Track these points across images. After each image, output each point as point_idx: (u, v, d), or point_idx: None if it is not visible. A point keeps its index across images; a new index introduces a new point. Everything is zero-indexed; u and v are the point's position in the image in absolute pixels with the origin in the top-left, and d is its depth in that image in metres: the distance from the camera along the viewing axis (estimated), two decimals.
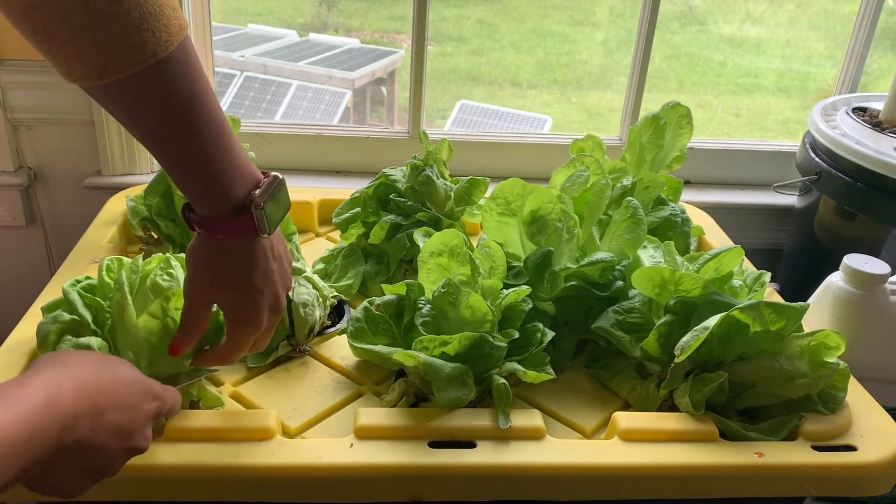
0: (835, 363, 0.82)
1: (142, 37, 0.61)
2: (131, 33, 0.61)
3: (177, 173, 0.69)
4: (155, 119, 0.65)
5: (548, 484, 0.76)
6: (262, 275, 0.73)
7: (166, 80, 0.64)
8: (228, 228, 0.70)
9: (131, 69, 0.62)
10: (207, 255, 0.72)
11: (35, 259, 1.46)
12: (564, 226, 0.94)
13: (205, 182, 0.69)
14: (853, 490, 0.80)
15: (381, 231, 1.05)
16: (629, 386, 0.89)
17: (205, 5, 1.43)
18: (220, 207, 0.70)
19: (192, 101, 0.66)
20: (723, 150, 1.55)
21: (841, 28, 3.65)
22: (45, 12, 0.59)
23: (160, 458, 0.73)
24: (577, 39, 4.41)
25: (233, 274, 0.72)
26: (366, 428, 0.77)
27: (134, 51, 0.61)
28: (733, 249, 0.88)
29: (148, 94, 0.64)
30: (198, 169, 0.68)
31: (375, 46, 4.13)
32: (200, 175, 0.68)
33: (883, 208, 1.18)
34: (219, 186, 0.69)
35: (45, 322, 0.78)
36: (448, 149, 1.11)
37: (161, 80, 0.63)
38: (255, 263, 0.73)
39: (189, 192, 0.70)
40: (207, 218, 0.70)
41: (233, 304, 0.74)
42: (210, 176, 0.68)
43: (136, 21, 0.61)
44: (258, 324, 0.75)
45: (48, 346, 0.77)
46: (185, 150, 0.67)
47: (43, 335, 0.78)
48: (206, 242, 0.72)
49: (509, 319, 0.87)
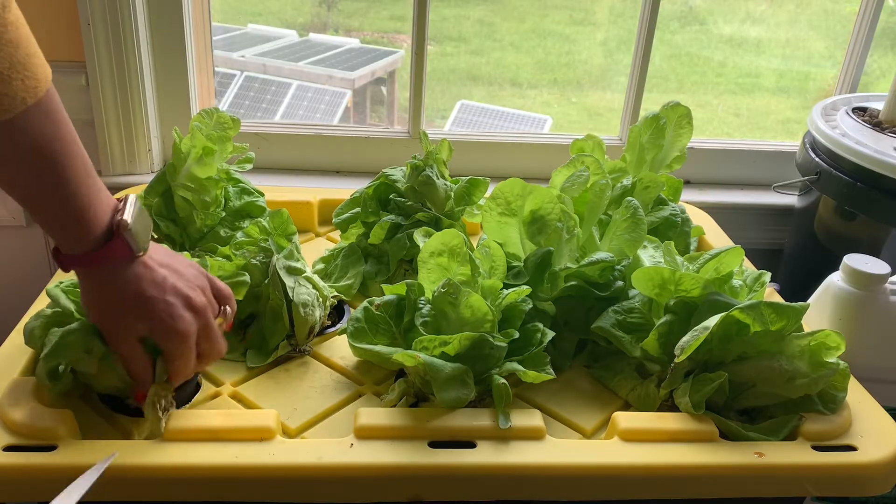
0: (835, 363, 0.82)
1: (12, 86, 0.63)
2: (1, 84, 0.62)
3: (44, 215, 0.71)
4: (23, 164, 0.67)
5: (548, 484, 0.76)
6: (155, 285, 0.74)
7: (36, 126, 0.66)
8: (102, 257, 0.71)
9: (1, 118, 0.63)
10: (98, 292, 0.74)
11: (35, 259, 1.46)
12: (564, 226, 0.94)
13: (76, 220, 0.70)
14: (853, 490, 0.80)
15: (381, 231, 1.05)
16: (629, 386, 0.89)
17: (205, 5, 1.43)
18: (92, 240, 0.71)
19: (63, 143, 0.68)
20: (723, 150, 1.55)
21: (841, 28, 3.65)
22: None
23: (160, 458, 0.73)
24: (577, 39, 4.41)
25: (128, 299, 0.73)
26: (366, 428, 0.77)
27: (3, 100, 0.63)
28: (733, 249, 0.88)
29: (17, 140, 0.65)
30: (67, 209, 0.69)
31: (375, 46, 4.13)
32: (70, 214, 0.70)
33: (883, 208, 1.18)
34: (88, 221, 0.71)
35: (29, 321, 0.81)
36: (448, 149, 1.11)
37: (30, 127, 0.65)
38: (141, 280, 0.73)
39: (58, 232, 0.71)
40: (80, 256, 0.71)
41: (149, 326, 0.74)
42: (80, 213, 0.70)
43: (5, 71, 0.63)
44: (185, 329, 0.74)
45: (35, 342, 0.79)
46: (53, 193, 0.69)
47: (29, 332, 0.80)
48: (89, 282, 0.74)
49: (509, 319, 0.87)
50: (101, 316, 0.75)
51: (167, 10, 1.32)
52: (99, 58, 1.28)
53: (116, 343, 0.75)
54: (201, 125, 1.06)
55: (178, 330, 0.74)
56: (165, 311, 0.74)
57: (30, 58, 0.65)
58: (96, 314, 0.75)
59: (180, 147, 1.02)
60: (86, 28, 1.26)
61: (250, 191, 1.10)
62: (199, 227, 1.04)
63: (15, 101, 0.64)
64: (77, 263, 0.72)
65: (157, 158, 1.41)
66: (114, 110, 1.33)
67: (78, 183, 0.70)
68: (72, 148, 0.69)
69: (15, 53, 0.63)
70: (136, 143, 1.36)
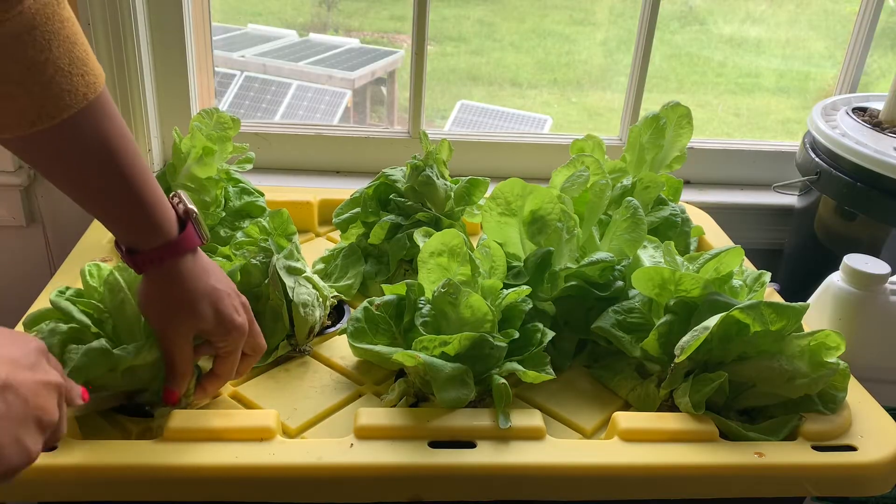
0: (835, 363, 0.82)
1: (72, 82, 0.63)
2: (63, 79, 0.62)
3: (115, 212, 0.71)
4: (91, 162, 0.67)
5: (548, 484, 0.76)
6: (218, 279, 0.75)
7: (97, 122, 0.66)
8: (180, 247, 0.72)
9: (64, 114, 0.63)
10: (167, 287, 0.73)
11: (35, 259, 1.46)
12: (564, 226, 0.94)
13: (150, 212, 0.70)
14: (853, 490, 0.80)
15: (381, 231, 1.05)
16: (629, 386, 0.89)
17: (205, 5, 1.43)
18: (168, 231, 0.71)
19: (125, 140, 0.68)
20: (723, 150, 1.54)
21: (841, 28, 3.65)
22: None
23: (160, 458, 0.73)
24: (577, 39, 4.41)
25: (200, 290, 0.73)
26: (366, 428, 0.77)
27: (65, 96, 0.63)
28: (733, 249, 0.88)
29: (82, 137, 0.65)
30: (141, 203, 0.70)
31: (375, 46, 4.13)
32: (144, 208, 0.70)
33: (883, 208, 1.18)
34: (162, 212, 0.71)
35: (44, 336, 0.77)
36: (448, 149, 1.11)
37: (92, 123, 0.65)
38: (209, 272, 0.74)
39: (133, 228, 0.71)
40: (158, 248, 0.71)
41: (214, 320, 0.74)
42: (153, 206, 0.70)
43: (66, 67, 0.62)
44: (242, 324, 0.76)
45: None
46: (126, 189, 0.69)
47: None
48: (157, 278, 0.73)
49: (509, 319, 0.87)
50: (170, 313, 0.74)
51: (167, 10, 1.32)
52: (99, 58, 1.28)
53: (175, 339, 0.74)
54: (201, 125, 1.06)
55: (238, 324, 0.75)
56: (231, 305, 0.75)
57: (87, 54, 0.65)
58: (163, 311, 0.74)
59: (180, 147, 1.02)
60: (86, 28, 1.26)
61: (250, 191, 1.10)
62: None
63: (77, 97, 0.64)
64: (155, 259, 0.72)
65: (157, 158, 1.41)
66: None
67: (145, 176, 0.70)
68: (131, 143, 0.69)
69: (73, 49, 0.63)
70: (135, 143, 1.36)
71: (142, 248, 0.72)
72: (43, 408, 0.54)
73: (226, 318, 0.75)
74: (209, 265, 0.76)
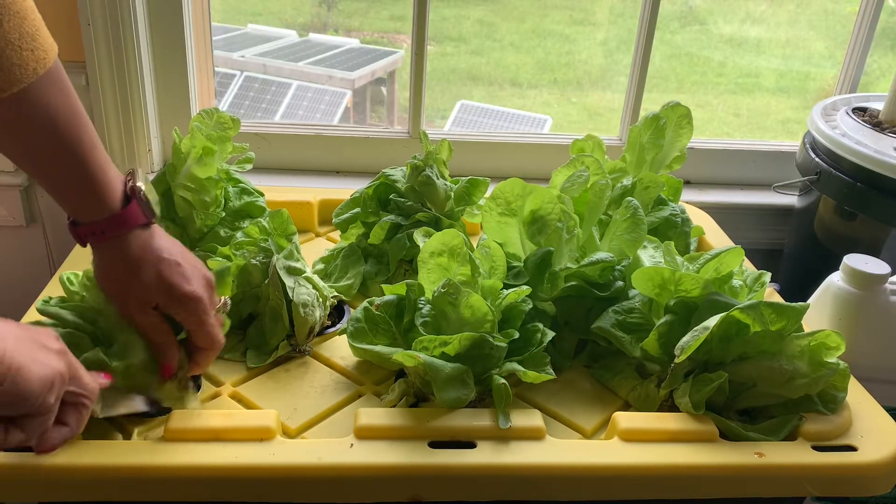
0: (835, 363, 0.82)
1: (22, 56, 0.65)
2: (13, 53, 0.64)
3: (61, 184, 0.72)
4: (39, 134, 0.69)
5: (548, 484, 0.76)
6: (169, 252, 0.76)
7: (48, 95, 0.68)
8: (122, 221, 0.73)
9: (14, 88, 0.65)
10: (116, 261, 0.74)
11: (35, 259, 1.46)
12: (564, 226, 0.94)
13: (94, 184, 0.72)
14: (853, 490, 0.80)
15: (381, 231, 1.05)
16: (629, 386, 0.89)
17: (205, 5, 1.43)
18: (111, 204, 0.73)
19: (74, 113, 0.70)
20: (723, 150, 1.55)
21: (841, 28, 3.65)
22: None
23: (160, 458, 0.73)
24: (577, 39, 4.41)
25: (146, 264, 0.74)
26: (366, 428, 0.77)
27: (15, 70, 0.65)
28: (733, 249, 0.88)
29: (31, 110, 0.67)
30: (86, 174, 0.71)
31: (375, 46, 4.13)
32: (88, 180, 0.72)
33: (883, 208, 1.18)
34: (106, 185, 0.73)
35: None
36: (448, 149, 1.11)
37: (42, 96, 0.67)
38: (157, 248, 0.75)
39: (76, 200, 0.73)
40: (100, 222, 0.73)
41: (167, 292, 0.75)
42: (97, 178, 0.72)
43: (16, 41, 0.64)
44: (197, 293, 0.76)
45: None
46: (71, 160, 0.70)
47: None
48: (107, 253, 0.75)
49: (509, 319, 0.87)
50: (119, 287, 0.75)
51: (167, 10, 1.32)
52: (99, 58, 1.28)
53: (137, 312, 0.75)
54: (201, 125, 1.06)
55: (186, 292, 0.75)
56: (178, 273, 0.75)
57: (37, 29, 0.67)
58: (114, 286, 0.76)
59: (180, 147, 1.02)
60: (86, 28, 1.26)
61: (250, 191, 1.10)
62: (199, 228, 1.04)
63: (26, 71, 0.65)
64: (96, 232, 0.74)
65: (157, 158, 1.41)
66: (114, 110, 1.33)
67: (92, 149, 0.72)
68: (82, 118, 0.71)
69: (23, 24, 0.65)
70: (135, 143, 1.36)
71: (83, 220, 0.74)
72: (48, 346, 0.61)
73: (173, 285, 0.75)
74: (164, 242, 0.77)
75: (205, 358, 0.80)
